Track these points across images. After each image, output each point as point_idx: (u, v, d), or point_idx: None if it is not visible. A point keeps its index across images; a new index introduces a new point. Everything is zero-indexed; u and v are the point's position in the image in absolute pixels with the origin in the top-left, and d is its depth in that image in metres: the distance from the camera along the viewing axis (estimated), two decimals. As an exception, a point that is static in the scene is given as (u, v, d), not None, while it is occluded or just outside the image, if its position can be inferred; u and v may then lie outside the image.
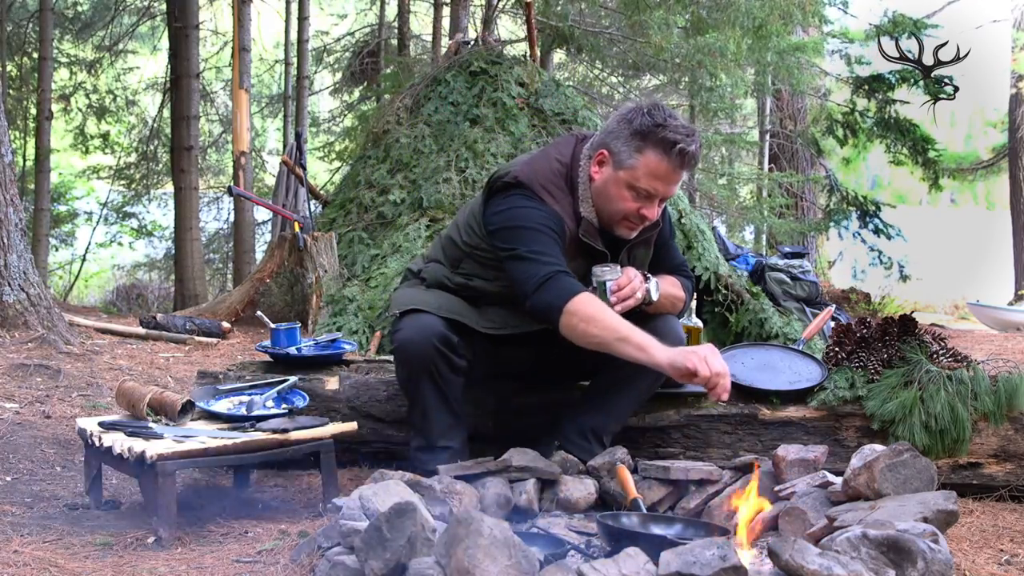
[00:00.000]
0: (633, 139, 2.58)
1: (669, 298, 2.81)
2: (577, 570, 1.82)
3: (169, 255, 13.46)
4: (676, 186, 2.64)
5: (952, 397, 2.90)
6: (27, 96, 12.68)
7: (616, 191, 2.62)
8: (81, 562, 2.25)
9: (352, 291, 5.56)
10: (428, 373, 2.67)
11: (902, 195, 21.66)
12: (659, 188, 2.59)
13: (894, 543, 1.82)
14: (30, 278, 5.04)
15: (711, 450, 2.97)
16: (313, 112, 14.86)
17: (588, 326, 2.47)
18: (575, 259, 2.68)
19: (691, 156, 2.56)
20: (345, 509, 2.09)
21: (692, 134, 2.58)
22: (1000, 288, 14.44)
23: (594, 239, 2.69)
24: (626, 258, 2.78)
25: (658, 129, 2.55)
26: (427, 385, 2.69)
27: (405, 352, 2.69)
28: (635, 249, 2.80)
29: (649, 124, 2.56)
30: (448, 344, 2.66)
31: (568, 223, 2.67)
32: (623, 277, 2.63)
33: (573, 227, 2.67)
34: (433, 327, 2.66)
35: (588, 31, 10.26)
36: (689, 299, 2.95)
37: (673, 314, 2.86)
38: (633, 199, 2.61)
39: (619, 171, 2.60)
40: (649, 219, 2.65)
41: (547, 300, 2.52)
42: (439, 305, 2.75)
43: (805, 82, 11.03)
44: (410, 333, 2.67)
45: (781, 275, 7.45)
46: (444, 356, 2.66)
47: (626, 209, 2.63)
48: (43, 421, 3.60)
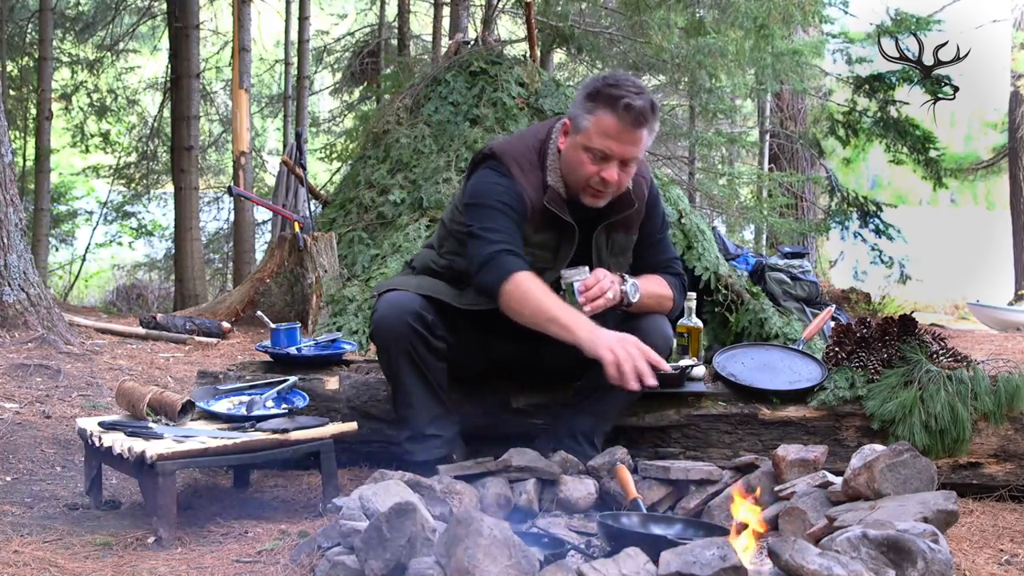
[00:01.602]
0: (586, 102, 2.60)
1: (653, 297, 2.77)
2: (577, 570, 1.82)
3: (169, 255, 13.46)
4: (634, 147, 2.59)
5: (952, 397, 2.90)
6: (27, 96, 12.69)
7: (575, 156, 2.63)
8: (81, 562, 2.25)
9: (352, 291, 5.56)
10: (407, 355, 2.66)
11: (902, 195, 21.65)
12: (613, 147, 2.57)
13: (894, 543, 1.82)
14: (30, 278, 5.04)
15: (711, 450, 2.97)
16: (313, 112, 14.86)
17: (521, 305, 2.52)
18: (542, 231, 2.69)
19: (639, 111, 2.54)
20: (345, 509, 2.09)
21: (642, 92, 2.57)
22: (1000, 288, 14.43)
23: (560, 208, 2.67)
24: (604, 242, 2.76)
25: (606, 88, 2.57)
26: (407, 368, 2.68)
27: (380, 332, 2.69)
28: (614, 233, 2.77)
29: (600, 85, 2.59)
30: (423, 323, 2.65)
31: (532, 195, 2.67)
32: (591, 278, 2.61)
33: (539, 199, 2.68)
34: (406, 305, 2.66)
35: (588, 31, 10.26)
36: (681, 296, 2.89)
37: (662, 313, 2.82)
38: (591, 162, 2.60)
39: (577, 136, 2.62)
40: (610, 182, 2.60)
41: (489, 279, 2.57)
42: (417, 285, 2.77)
43: (806, 80, 11.03)
44: (384, 311, 2.68)
45: (781, 275, 7.44)
46: (420, 336, 2.65)
47: (587, 174, 2.61)
48: (43, 421, 3.60)
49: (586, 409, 2.80)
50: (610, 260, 2.78)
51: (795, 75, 10.00)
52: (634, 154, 2.61)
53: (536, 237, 2.68)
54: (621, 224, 2.78)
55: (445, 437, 2.75)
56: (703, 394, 3.03)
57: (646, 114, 2.56)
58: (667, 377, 2.99)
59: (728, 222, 13.02)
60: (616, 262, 2.80)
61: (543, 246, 2.70)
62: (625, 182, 2.67)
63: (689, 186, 11.78)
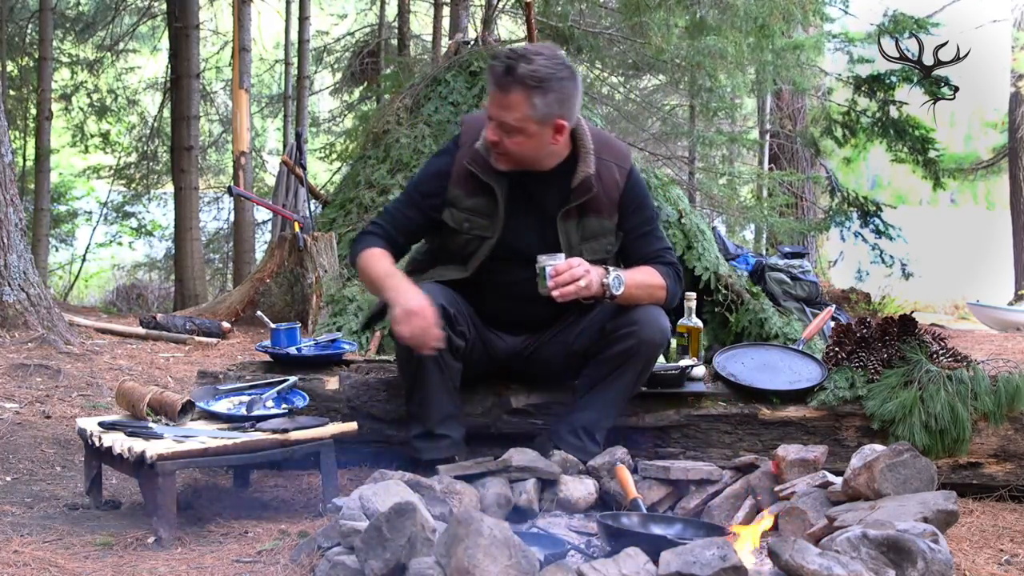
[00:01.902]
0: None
1: (642, 288, 2.75)
2: (577, 570, 1.82)
3: (169, 255, 13.46)
4: (504, 111, 2.61)
5: (952, 397, 2.90)
6: (27, 96, 12.69)
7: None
8: (81, 562, 2.25)
9: (352, 291, 5.56)
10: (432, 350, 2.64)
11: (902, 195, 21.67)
12: (492, 111, 2.65)
13: (894, 543, 1.82)
14: (30, 278, 5.04)
15: (711, 450, 2.97)
16: (313, 112, 14.86)
17: (364, 275, 2.78)
18: (473, 195, 2.76)
19: (500, 74, 2.59)
20: (345, 509, 2.09)
21: (519, 57, 2.59)
22: (1000, 288, 14.44)
23: (481, 169, 2.74)
24: (574, 226, 2.77)
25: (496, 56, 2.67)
26: (431, 367, 2.68)
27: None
28: (584, 218, 2.78)
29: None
30: (448, 319, 2.65)
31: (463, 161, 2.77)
32: (563, 264, 2.62)
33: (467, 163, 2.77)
34: (433, 299, 2.64)
35: (588, 31, 10.26)
36: (675, 285, 2.84)
37: (656, 303, 2.80)
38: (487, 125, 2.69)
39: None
40: (489, 139, 2.66)
41: (351, 254, 2.83)
42: (431, 275, 2.84)
43: (806, 80, 11.03)
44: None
45: (781, 275, 7.44)
46: (445, 334, 2.64)
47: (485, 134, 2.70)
48: (43, 421, 3.60)
49: (587, 405, 2.80)
50: (582, 246, 2.78)
51: (795, 72, 9.99)
52: (504, 117, 2.62)
53: (468, 202, 2.77)
54: (591, 209, 2.78)
55: (454, 438, 2.75)
56: (703, 394, 3.02)
57: (504, 78, 2.59)
58: (667, 377, 2.99)
59: (728, 222, 13.02)
60: (590, 247, 2.79)
61: (477, 211, 2.77)
62: (513, 149, 2.67)
63: (689, 186, 11.78)
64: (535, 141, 2.66)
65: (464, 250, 2.80)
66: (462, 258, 2.81)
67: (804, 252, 8.50)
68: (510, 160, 2.70)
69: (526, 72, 2.57)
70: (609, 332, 2.74)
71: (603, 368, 2.75)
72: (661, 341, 2.76)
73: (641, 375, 2.80)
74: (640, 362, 2.74)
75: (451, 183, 2.78)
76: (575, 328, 2.82)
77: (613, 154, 2.81)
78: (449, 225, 2.79)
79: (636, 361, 2.73)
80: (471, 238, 2.77)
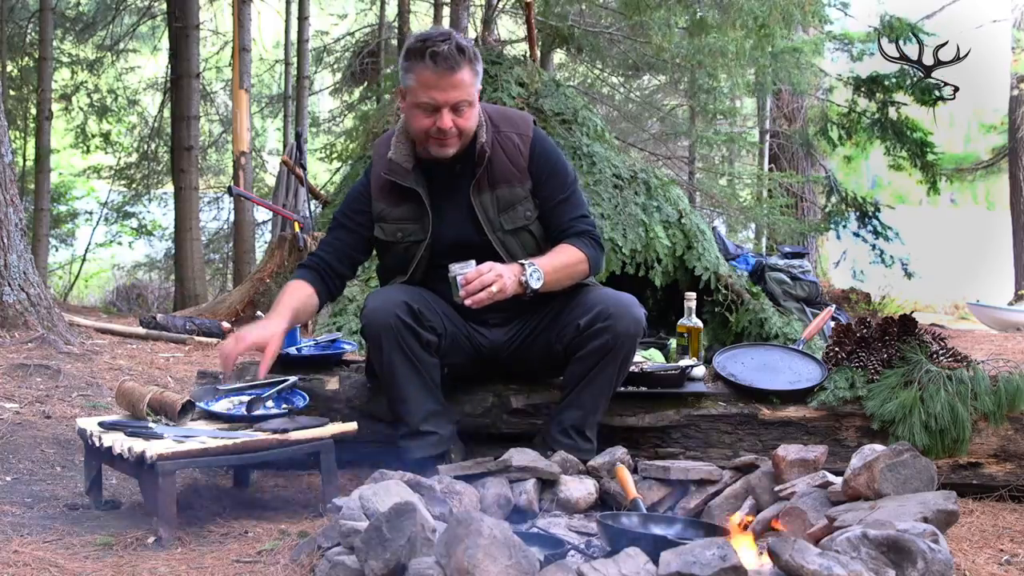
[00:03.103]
0: (404, 62, 2.72)
1: (562, 270, 2.75)
2: (577, 570, 1.82)
3: (169, 255, 13.46)
4: (456, 90, 2.66)
5: (952, 397, 2.90)
6: (27, 96, 12.69)
7: (412, 115, 2.74)
8: (81, 562, 2.25)
9: (352, 291, 5.55)
10: (399, 348, 2.67)
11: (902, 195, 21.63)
12: (436, 96, 2.66)
13: (894, 543, 1.82)
14: (30, 278, 5.04)
15: (711, 450, 2.97)
16: (313, 112, 14.86)
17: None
18: (399, 204, 2.83)
19: (445, 56, 2.62)
20: (345, 509, 2.09)
21: (448, 37, 2.65)
22: (1000, 288, 14.45)
23: (401, 176, 2.80)
24: (489, 200, 2.80)
25: (416, 44, 2.68)
26: (400, 361, 2.68)
27: (370, 326, 2.71)
28: (496, 189, 2.80)
29: (410, 43, 2.71)
30: (412, 314, 2.67)
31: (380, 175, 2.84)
32: (472, 271, 2.62)
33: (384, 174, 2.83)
34: (393, 297, 2.70)
35: (588, 31, 10.26)
36: (596, 252, 2.83)
37: (579, 280, 2.82)
38: (424, 116, 2.70)
39: (408, 97, 2.73)
40: (444, 128, 2.68)
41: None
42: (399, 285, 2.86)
43: (805, 81, 11.03)
44: (372, 306, 2.72)
45: (781, 275, 7.44)
46: (410, 328, 2.67)
47: (423, 127, 2.71)
48: (43, 421, 3.60)
49: (573, 404, 2.80)
50: (500, 217, 2.81)
51: (795, 72, 9.99)
52: (458, 97, 2.67)
53: (395, 212, 2.83)
54: (500, 179, 2.81)
55: (441, 434, 2.75)
56: (703, 394, 3.03)
57: (454, 56, 2.63)
58: (667, 377, 3.00)
59: (728, 222, 13.02)
60: (509, 217, 2.81)
61: (406, 218, 2.83)
62: (466, 125, 2.72)
63: (689, 186, 11.78)
64: (475, 111, 2.75)
65: (403, 258, 2.85)
66: (402, 268, 2.85)
67: (804, 252, 8.50)
68: (461, 140, 2.75)
69: (465, 46, 2.66)
70: (584, 329, 2.74)
71: (584, 365, 2.76)
72: (636, 332, 2.75)
73: (623, 367, 2.80)
74: (619, 355, 2.75)
75: (373, 199, 2.86)
76: (555, 327, 2.83)
77: (511, 124, 2.88)
78: (382, 240, 2.87)
79: (615, 355, 2.74)
80: (407, 245, 2.83)
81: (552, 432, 2.80)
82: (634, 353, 2.85)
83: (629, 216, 5.80)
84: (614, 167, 6.00)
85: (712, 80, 9.66)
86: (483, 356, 2.92)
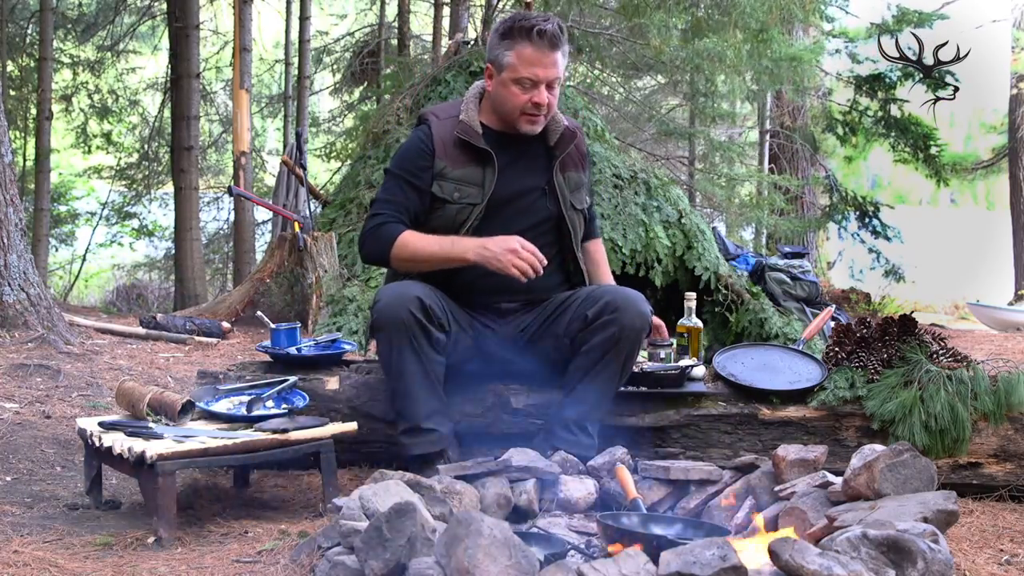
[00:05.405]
0: (502, 40, 2.84)
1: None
2: (577, 570, 1.82)
3: (169, 255, 13.45)
4: (555, 68, 2.82)
5: (952, 397, 2.90)
6: (27, 96, 12.68)
7: (506, 92, 2.84)
8: (81, 562, 2.25)
9: (352, 291, 5.56)
10: (409, 343, 2.68)
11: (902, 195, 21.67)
12: (538, 73, 2.80)
13: (894, 543, 1.82)
14: (30, 278, 5.04)
15: (711, 450, 2.97)
16: (313, 112, 14.85)
17: (415, 258, 2.82)
18: (461, 166, 2.87)
19: (551, 34, 2.78)
20: (345, 509, 2.09)
21: (548, 18, 2.81)
22: (1000, 288, 14.44)
23: (473, 137, 2.87)
24: (564, 180, 2.96)
25: (518, 23, 2.81)
26: (409, 358, 2.70)
27: (382, 320, 2.71)
28: (567, 172, 2.98)
29: (511, 23, 2.83)
30: (425, 312, 2.68)
31: (446, 135, 2.88)
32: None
33: (452, 135, 2.88)
34: (408, 293, 2.71)
35: (588, 31, 10.26)
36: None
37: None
38: (522, 92, 2.82)
39: (502, 73, 2.84)
40: (542, 104, 2.82)
41: (375, 250, 2.88)
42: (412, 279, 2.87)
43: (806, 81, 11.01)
44: (387, 300, 2.73)
45: (781, 275, 7.44)
46: (422, 325, 2.68)
47: (519, 103, 2.83)
48: (43, 421, 3.60)
49: (576, 398, 2.81)
50: (572, 198, 2.99)
51: (795, 75, 9.98)
52: (556, 74, 2.83)
53: (456, 172, 2.87)
54: (570, 163, 3.00)
55: (441, 432, 2.75)
56: (703, 394, 3.03)
57: (558, 36, 2.80)
58: (667, 377, 3.00)
59: (728, 222, 13.02)
60: (577, 198, 3.01)
61: (466, 180, 2.87)
62: (554, 104, 2.89)
63: (689, 186, 11.78)
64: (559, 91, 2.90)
65: (454, 220, 2.87)
66: (453, 229, 2.87)
67: (804, 252, 8.50)
68: (547, 119, 2.90)
69: (563, 27, 2.83)
70: (592, 320, 2.79)
71: (588, 358, 2.79)
72: (642, 326, 2.80)
73: (627, 363, 2.82)
74: (624, 349, 2.78)
75: (436, 157, 2.88)
76: (564, 318, 2.87)
77: (567, 117, 3.04)
78: (438, 196, 2.88)
79: (620, 349, 2.77)
80: (461, 207, 2.87)
81: (555, 428, 2.81)
82: (639, 349, 2.88)
83: (629, 216, 5.80)
84: (614, 167, 6.01)
85: (710, 84, 9.65)
86: (491, 355, 2.92)
